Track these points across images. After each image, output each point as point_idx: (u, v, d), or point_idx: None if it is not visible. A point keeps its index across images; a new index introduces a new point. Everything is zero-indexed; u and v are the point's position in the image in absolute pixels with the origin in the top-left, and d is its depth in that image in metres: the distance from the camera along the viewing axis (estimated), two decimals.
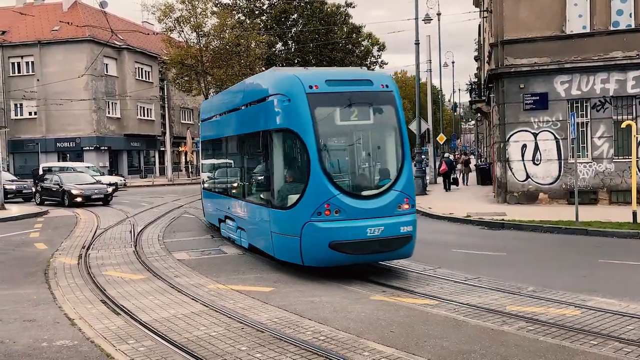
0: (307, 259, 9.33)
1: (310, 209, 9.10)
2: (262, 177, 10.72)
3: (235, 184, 13.22)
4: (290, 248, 9.59)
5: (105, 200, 25.27)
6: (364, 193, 9.45)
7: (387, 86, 10.00)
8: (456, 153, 52.45)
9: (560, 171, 19.13)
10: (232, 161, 13.74)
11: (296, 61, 54.85)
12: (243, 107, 12.09)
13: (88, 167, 34.92)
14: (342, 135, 10.00)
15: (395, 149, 9.87)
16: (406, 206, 9.53)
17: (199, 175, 21.51)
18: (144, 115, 51.62)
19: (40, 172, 33.72)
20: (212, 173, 16.21)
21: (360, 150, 10.15)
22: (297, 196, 9.37)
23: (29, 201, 27.81)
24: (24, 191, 29.11)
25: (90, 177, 28.31)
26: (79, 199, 24.44)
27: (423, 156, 28.78)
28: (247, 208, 11.80)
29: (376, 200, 9.34)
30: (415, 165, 26.44)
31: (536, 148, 19.31)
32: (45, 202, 25.83)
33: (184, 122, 59.08)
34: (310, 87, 9.44)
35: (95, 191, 25.31)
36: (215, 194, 15.33)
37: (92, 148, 45.47)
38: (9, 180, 29.20)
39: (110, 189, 26.44)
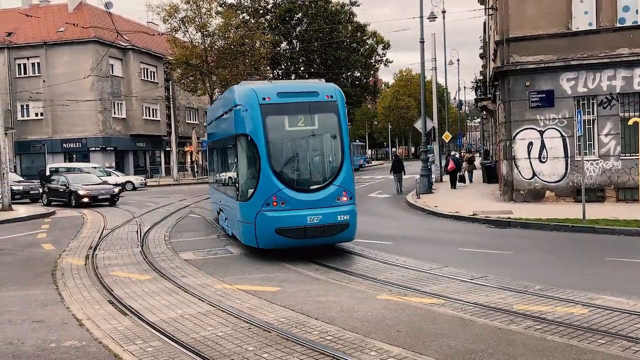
0: (261, 242, 11.19)
1: (261, 201, 10.95)
2: (234, 174, 12.52)
3: (221, 181, 15.25)
4: (249, 233, 11.37)
5: (112, 200, 25.38)
6: (306, 187, 11.21)
7: (331, 96, 11.65)
8: (462, 151, 52.39)
9: (567, 169, 19.05)
10: (220, 161, 15.81)
11: (301, 60, 54.88)
12: (223, 115, 13.72)
13: (95, 167, 35.25)
14: (289, 139, 11.52)
15: (336, 150, 11.60)
16: (345, 198, 11.28)
17: (205, 175, 24.50)
18: (149, 116, 51.76)
19: (48, 173, 33.94)
20: (212, 171, 18.55)
21: (305, 151, 11.69)
22: (252, 190, 11.18)
23: (36, 202, 27.95)
24: (30, 192, 29.27)
25: (97, 177, 28.44)
26: (85, 200, 24.58)
27: (429, 154, 28.69)
28: (227, 201, 13.73)
29: (317, 194, 11.13)
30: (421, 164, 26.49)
31: (542, 146, 19.25)
32: (52, 203, 25.95)
33: (189, 122, 59.21)
34: (264, 98, 11.21)
35: (102, 191, 25.40)
36: (214, 189, 17.55)
37: (99, 148, 45.65)
38: (16, 181, 29.38)
39: (116, 189, 26.47)
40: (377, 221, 17.71)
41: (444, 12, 34.86)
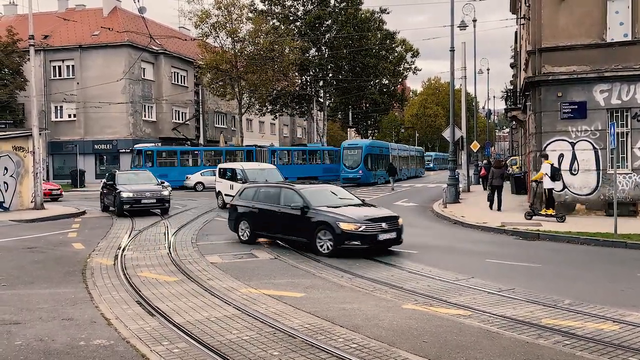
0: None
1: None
2: None
3: None
4: None
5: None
6: (348, 166, 42.67)
7: (361, 147, 42.77)
8: (490, 160, 52.24)
9: (598, 182, 18.70)
10: None
11: (329, 67, 54.97)
12: None
13: (263, 169, 24.89)
14: (348, 156, 42.76)
15: (359, 159, 41.85)
16: (360, 172, 41.57)
17: None
18: (178, 119, 52.46)
19: (222, 167, 25.68)
20: None
21: (351, 158, 42.49)
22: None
23: (151, 215, 21.35)
24: (142, 202, 21.46)
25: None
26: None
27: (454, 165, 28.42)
28: None
29: (352, 170, 42.02)
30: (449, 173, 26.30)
31: (574, 158, 18.93)
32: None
33: (217, 126, 59.79)
34: (343, 146, 44.28)
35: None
36: None
37: (129, 150, 46.35)
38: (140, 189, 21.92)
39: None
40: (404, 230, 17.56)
41: (474, 21, 34.59)
